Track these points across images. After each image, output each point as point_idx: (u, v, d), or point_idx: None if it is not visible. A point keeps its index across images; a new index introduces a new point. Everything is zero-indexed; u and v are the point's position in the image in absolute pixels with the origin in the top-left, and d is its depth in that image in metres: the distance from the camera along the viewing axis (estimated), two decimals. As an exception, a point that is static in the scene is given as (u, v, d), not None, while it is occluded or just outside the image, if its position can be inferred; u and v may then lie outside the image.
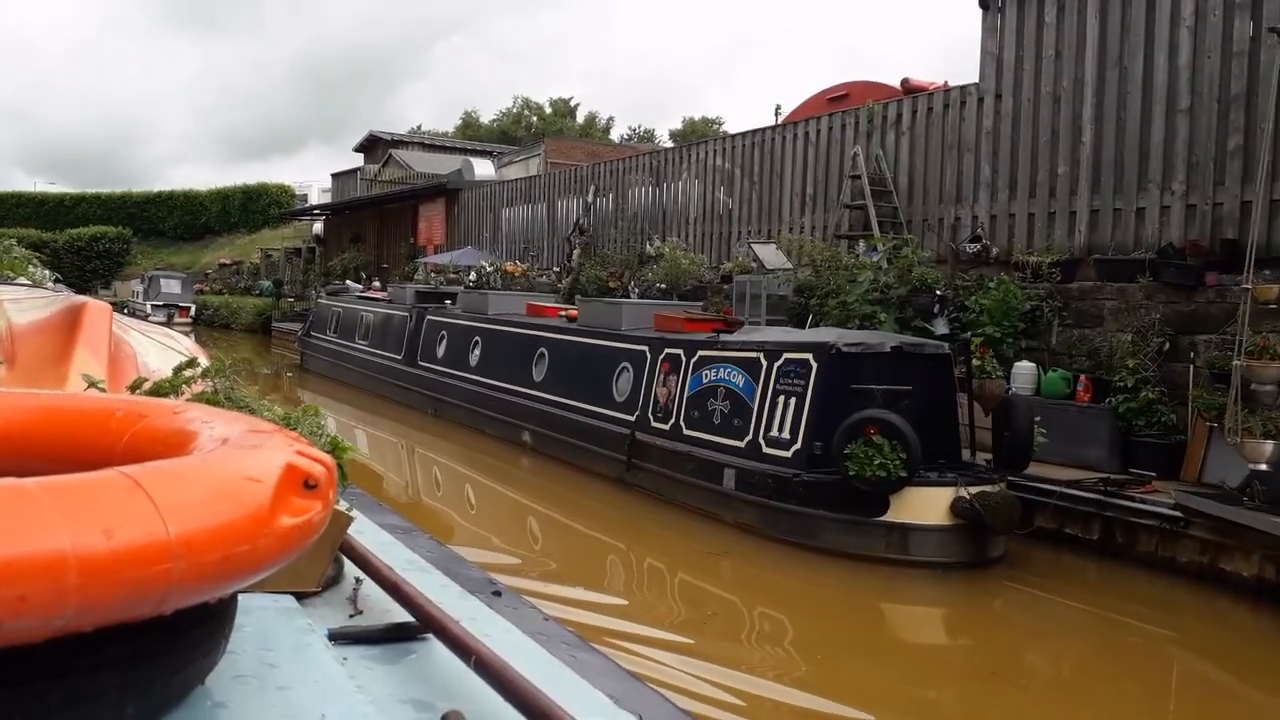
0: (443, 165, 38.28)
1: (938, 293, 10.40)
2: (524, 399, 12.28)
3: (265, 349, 31.97)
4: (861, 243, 12.08)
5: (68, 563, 0.84)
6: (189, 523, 0.93)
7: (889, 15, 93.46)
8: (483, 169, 28.94)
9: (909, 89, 12.80)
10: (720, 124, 56.62)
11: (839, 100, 14.46)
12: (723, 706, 5.33)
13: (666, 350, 9.87)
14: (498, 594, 2.10)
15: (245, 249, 48.84)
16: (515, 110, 63.66)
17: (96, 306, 2.38)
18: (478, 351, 13.99)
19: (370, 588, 1.85)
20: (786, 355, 8.35)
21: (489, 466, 12.41)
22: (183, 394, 1.83)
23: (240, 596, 1.24)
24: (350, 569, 1.93)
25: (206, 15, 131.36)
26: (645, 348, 10.24)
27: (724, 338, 9.35)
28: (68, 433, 1.34)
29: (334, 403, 18.23)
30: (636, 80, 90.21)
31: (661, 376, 9.81)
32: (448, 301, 17.37)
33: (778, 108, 28.03)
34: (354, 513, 1.96)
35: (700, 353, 9.35)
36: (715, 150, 15.68)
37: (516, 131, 56.80)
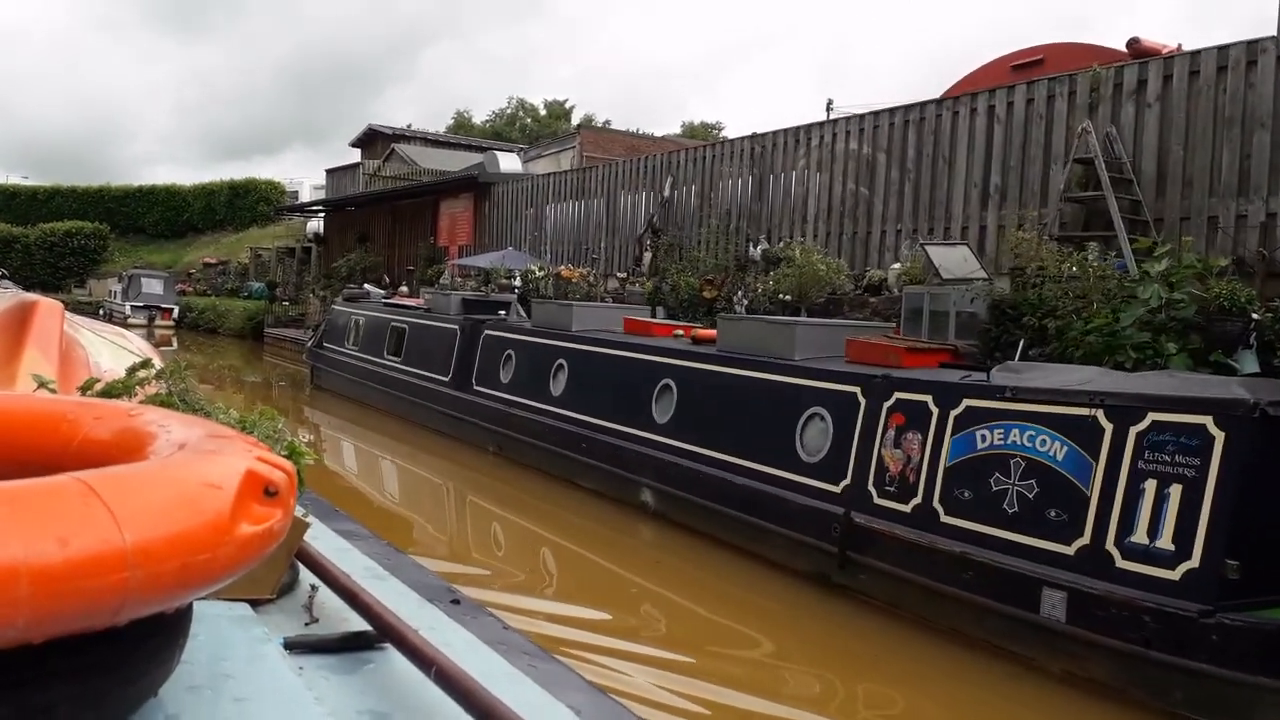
0: (449, 161, 35.44)
1: (1254, 316, 7.49)
2: (641, 444, 9.27)
3: (256, 356, 29.18)
4: (1091, 246, 9.15)
5: (19, 573, 0.82)
6: (146, 531, 0.90)
7: (869, 26, 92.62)
8: (509, 163, 25.97)
9: (1139, 52, 9.90)
10: (720, 129, 54.21)
11: (1029, 67, 11.55)
12: None
13: (897, 395, 6.89)
14: (456, 602, 2.05)
15: (232, 248, 45.97)
16: (510, 111, 61.84)
17: (47, 305, 2.30)
18: (562, 378, 10.97)
19: (326, 595, 1.80)
20: (1155, 416, 5.38)
21: (585, 531, 9.40)
22: (135, 395, 1.76)
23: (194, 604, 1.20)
24: (306, 576, 1.89)
25: (190, 15, 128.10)
26: (855, 389, 7.25)
27: (1003, 382, 6.37)
28: (16, 435, 1.29)
29: (360, 429, 15.19)
30: (619, 88, 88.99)
31: (891, 433, 6.82)
32: (502, 312, 14.39)
33: (829, 102, 25.15)
34: (310, 518, 1.92)
35: (967, 402, 6.37)
36: (847, 132, 12.70)
37: (510, 133, 54.81)
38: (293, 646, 1.56)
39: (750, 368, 8.42)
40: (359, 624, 1.65)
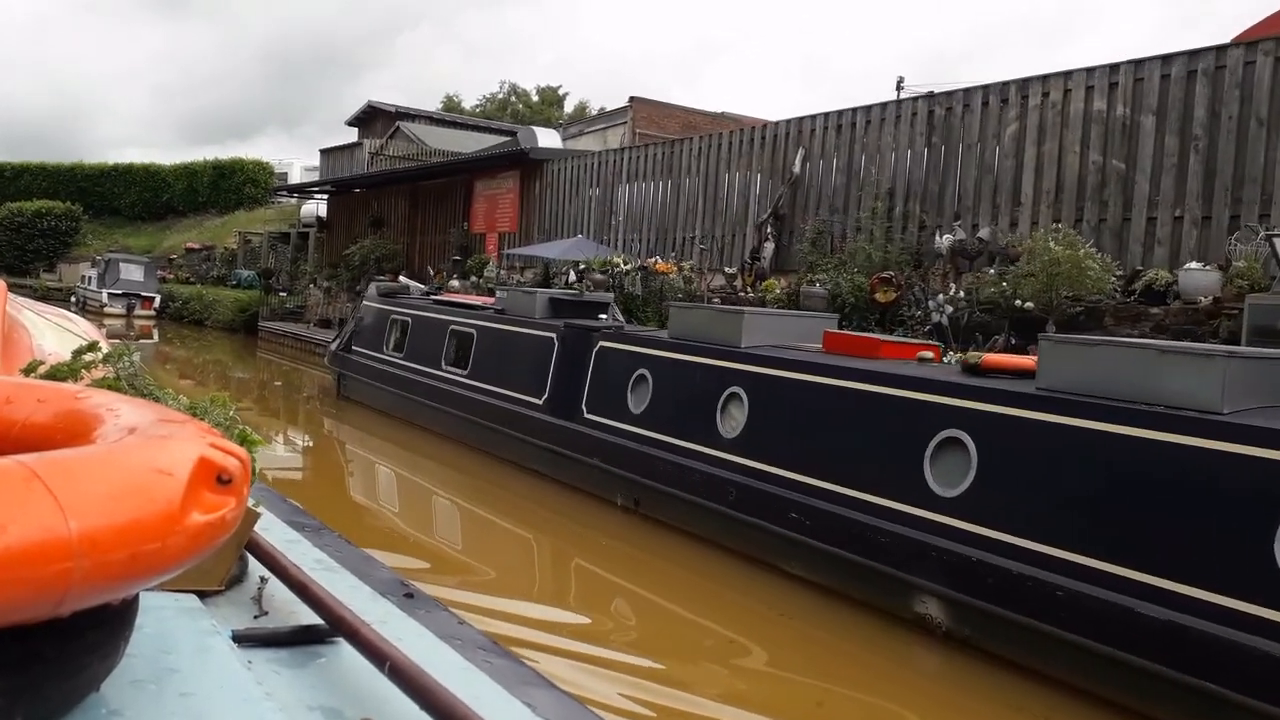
0: (460, 141, 32.35)
1: None
2: (912, 527, 6.22)
3: (249, 352, 26.20)
4: None
5: None
6: (92, 518, 0.86)
7: (851, 24, 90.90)
8: (548, 140, 22.84)
9: None
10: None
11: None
12: None
13: None
14: (410, 596, 1.95)
15: (216, 232, 42.68)
16: (502, 96, 59.31)
17: None
18: (737, 414, 7.90)
19: (276, 587, 1.73)
20: None
21: (816, 645, 6.36)
22: (82, 379, 1.71)
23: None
24: (255, 567, 1.82)
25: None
26: None
27: None
28: None
29: (411, 455, 12.12)
30: (600, 76, 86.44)
31: None
32: (602, 316, 11.31)
33: (900, 80, 22.10)
34: (260, 508, 1.88)
35: None
36: (1088, 87, 9.63)
37: (502, 118, 52.06)
38: (241, 639, 1.49)
39: (1133, 423, 5.37)
40: (310, 617, 1.56)
